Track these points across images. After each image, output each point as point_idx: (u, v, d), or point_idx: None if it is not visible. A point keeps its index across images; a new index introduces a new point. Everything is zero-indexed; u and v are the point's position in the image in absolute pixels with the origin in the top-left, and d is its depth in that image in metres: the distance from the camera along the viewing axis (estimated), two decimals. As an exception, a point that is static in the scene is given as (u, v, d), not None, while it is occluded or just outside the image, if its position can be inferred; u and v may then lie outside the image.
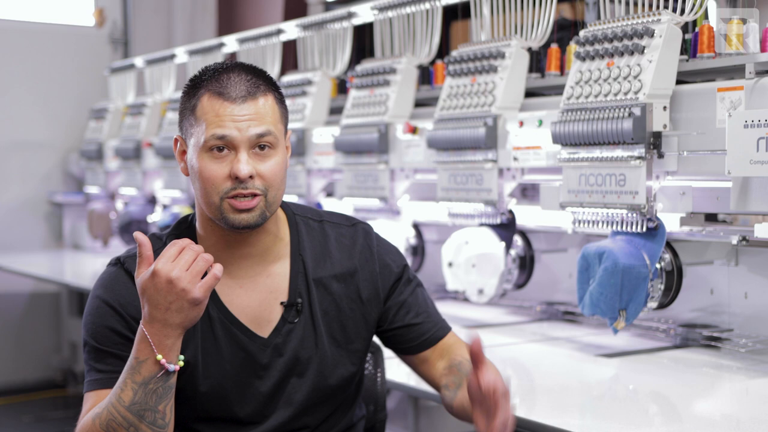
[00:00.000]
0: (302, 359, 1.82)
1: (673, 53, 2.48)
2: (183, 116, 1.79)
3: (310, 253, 1.86)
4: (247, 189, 1.71)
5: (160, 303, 1.59)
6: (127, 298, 1.76)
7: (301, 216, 1.90)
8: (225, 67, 1.76)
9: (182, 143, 1.80)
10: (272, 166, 1.74)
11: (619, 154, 2.50)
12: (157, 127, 5.19)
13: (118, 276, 1.79)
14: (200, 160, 1.73)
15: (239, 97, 1.72)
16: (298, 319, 1.82)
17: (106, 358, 1.74)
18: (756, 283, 2.62)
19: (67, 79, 6.39)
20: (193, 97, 1.76)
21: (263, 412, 1.81)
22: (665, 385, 2.36)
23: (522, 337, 2.94)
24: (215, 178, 1.72)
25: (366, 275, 1.88)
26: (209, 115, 1.72)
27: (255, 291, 1.82)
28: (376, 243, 1.92)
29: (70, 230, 6.27)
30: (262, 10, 6.52)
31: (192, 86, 1.77)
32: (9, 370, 6.18)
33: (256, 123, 1.72)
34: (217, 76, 1.74)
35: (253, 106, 1.73)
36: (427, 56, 3.48)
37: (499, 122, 2.97)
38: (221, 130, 1.70)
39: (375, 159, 3.47)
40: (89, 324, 1.77)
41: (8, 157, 6.24)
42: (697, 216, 2.63)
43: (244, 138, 1.71)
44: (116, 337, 1.74)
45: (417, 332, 1.91)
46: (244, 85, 1.73)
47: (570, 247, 3.20)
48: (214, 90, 1.73)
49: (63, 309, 6.28)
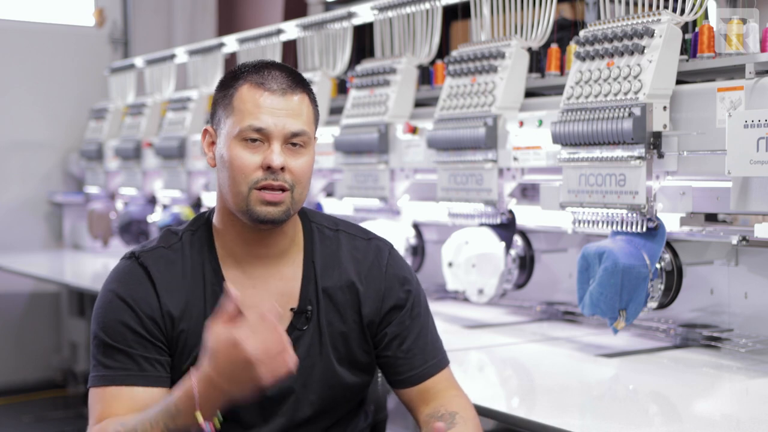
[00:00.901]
0: (306, 367, 1.81)
1: (673, 53, 2.48)
2: (217, 106, 1.80)
3: (321, 261, 1.85)
4: (277, 180, 1.72)
5: (226, 373, 1.56)
6: (141, 294, 1.75)
7: (317, 224, 1.89)
8: (265, 63, 1.79)
9: (212, 134, 1.81)
10: (302, 164, 1.76)
11: (619, 154, 2.50)
12: (157, 127, 5.18)
13: (133, 270, 1.78)
14: (232, 149, 1.74)
15: (279, 90, 1.74)
16: (307, 326, 1.82)
17: (115, 355, 1.73)
18: (756, 283, 2.62)
19: (67, 79, 6.39)
20: (230, 87, 1.78)
21: (264, 415, 1.81)
22: (665, 385, 2.36)
23: (522, 337, 2.94)
24: (246, 167, 1.73)
25: (370, 293, 1.86)
26: (248, 105, 1.73)
27: (266, 292, 1.81)
28: (387, 262, 1.88)
29: (70, 230, 6.27)
30: (262, 10, 6.52)
31: (231, 77, 1.79)
32: (9, 370, 6.18)
33: (293, 119, 1.74)
34: (257, 69, 1.78)
35: (291, 102, 1.75)
36: (427, 56, 3.48)
37: (499, 122, 2.97)
38: (258, 122, 1.73)
39: (375, 159, 3.47)
40: (101, 318, 1.76)
41: (8, 157, 6.24)
42: (697, 216, 2.62)
43: (279, 131, 1.73)
44: (128, 333, 1.73)
45: (403, 367, 1.86)
46: (284, 80, 1.76)
47: (570, 247, 3.20)
48: (254, 81, 1.75)
49: (63, 309, 6.28)
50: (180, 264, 1.80)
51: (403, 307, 1.87)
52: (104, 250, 5.60)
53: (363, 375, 1.88)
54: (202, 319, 1.76)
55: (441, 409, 1.79)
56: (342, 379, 1.84)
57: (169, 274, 1.78)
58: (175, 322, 1.76)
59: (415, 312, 1.88)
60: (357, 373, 1.87)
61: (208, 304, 1.78)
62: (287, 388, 1.80)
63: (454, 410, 1.77)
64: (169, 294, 1.77)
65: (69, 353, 6.15)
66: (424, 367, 1.86)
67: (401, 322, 1.86)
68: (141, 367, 1.72)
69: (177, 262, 1.80)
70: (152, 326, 1.75)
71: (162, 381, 1.74)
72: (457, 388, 1.86)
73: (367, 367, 1.89)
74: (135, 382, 1.72)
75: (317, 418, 1.84)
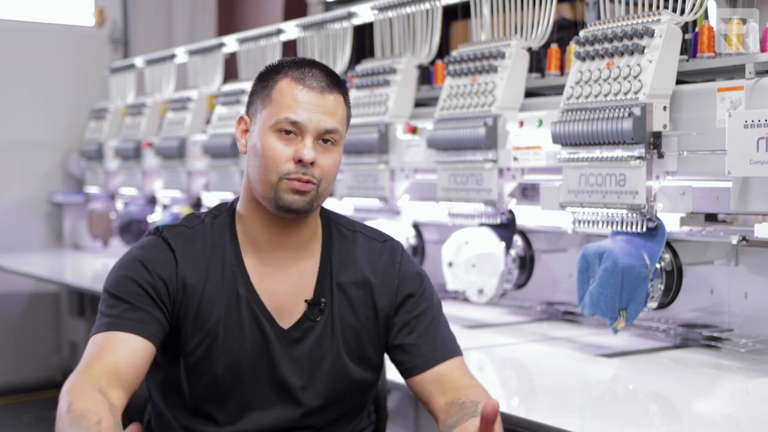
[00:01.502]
0: (316, 358, 1.84)
1: (673, 53, 2.48)
2: (255, 96, 1.85)
3: (337, 258, 1.90)
4: (306, 174, 1.77)
5: None
6: (160, 258, 1.80)
7: (335, 223, 1.95)
8: (307, 60, 1.85)
9: (247, 122, 1.86)
10: (331, 161, 1.81)
11: (619, 154, 2.50)
12: (157, 127, 5.18)
13: (156, 242, 1.83)
14: (266, 139, 1.79)
15: (318, 87, 1.80)
16: (320, 318, 1.85)
17: (119, 304, 1.75)
18: (756, 283, 2.62)
19: (67, 79, 6.39)
20: (270, 79, 1.83)
21: (271, 401, 1.83)
22: (665, 385, 2.36)
23: (522, 337, 2.94)
24: (278, 157, 1.77)
25: (384, 289, 1.90)
26: (287, 98, 1.79)
27: (283, 282, 1.85)
28: (400, 260, 1.94)
29: (70, 230, 6.27)
30: (262, 10, 6.52)
31: (271, 70, 1.85)
32: (9, 370, 6.18)
33: (327, 116, 1.80)
34: (298, 65, 1.83)
35: (328, 100, 1.80)
36: (427, 56, 3.48)
37: (499, 122, 2.97)
38: (295, 115, 1.78)
39: (375, 159, 3.47)
40: (114, 274, 1.80)
41: (8, 157, 6.24)
42: (697, 216, 2.63)
43: (313, 127, 1.78)
44: (136, 287, 1.76)
45: (415, 352, 1.87)
46: (324, 79, 1.82)
47: (570, 247, 3.20)
48: (294, 76, 1.81)
49: (63, 309, 6.28)
50: (200, 243, 1.84)
51: (416, 294, 1.91)
52: (104, 250, 5.60)
53: (370, 372, 1.90)
54: (217, 297, 1.80)
55: (462, 398, 1.77)
56: (349, 374, 1.86)
57: (189, 249, 1.83)
58: (188, 290, 1.80)
59: (427, 302, 1.92)
60: (365, 370, 1.89)
61: (225, 283, 1.82)
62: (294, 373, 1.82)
63: (476, 399, 1.75)
64: (188, 265, 1.81)
65: (69, 353, 6.15)
66: (436, 353, 1.87)
67: (414, 308, 1.90)
68: (140, 318, 1.74)
69: (197, 241, 1.85)
70: (162, 288, 1.78)
71: (153, 338, 1.75)
72: (474, 379, 1.86)
73: (375, 364, 1.91)
74: (129, 329, 1.73)
75: (321, 410, 1.86)
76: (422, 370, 1.86)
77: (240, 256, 1.84)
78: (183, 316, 1.80)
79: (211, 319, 1.79)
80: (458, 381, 1.83)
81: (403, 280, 1.91)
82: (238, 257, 1.85)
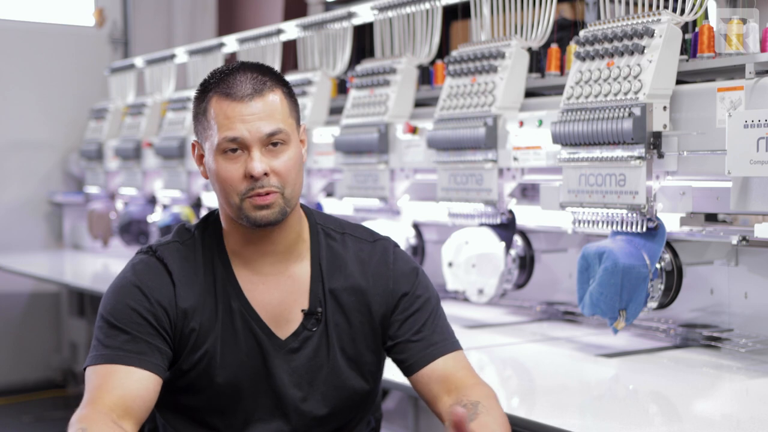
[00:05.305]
0: (314, 368, 1.82)
1: (673, 53, 2.48)
2: (196, 121, 1.81)
3: (326, 262, 1.86)
4: (263, 188, 1.73)
5: None
6: (157, 283, 1.77)
7: (323, 226, 1.91)
8: (231, 69, 1.78)
9: (199, 148, 1.82)
10: (286, 162, 1.76)
11: (619, 154, 2.50)
12: (157, 127, 5.18)
13: (150, 263, 1.80)
14: (216, 163, 1.75)
15: (246, 95, 1.74)
16: (317, 327, 1.83)
17: (118, 335, 1.72)
18: (756, 283, 2.62)
19: (67, 79, 6.39)
20: (202, 101, 1.78)
21: (272, 412, 1.82)
22: (665, 385, 2.36)
23: (522, 337, 2.94)
24: (232, 179, 1.74)
25: (378, 291, 1.86)
26: (219, 118, 1.74)
27: (276, 289, 1.83)
28: (392, 259, 1.90)
29: (70, 230, 6.27)
30: (262, 10, 6.52)
31: (201, 90, 1.79)
32: (9, 370, 6.18)
33: (266, 121, 1.74)
34: (223, 78, 1.76)
35: (261, 104, 1.74)
36: (427, 56, 3.48)
37: (499, 122, 2.97)
38: (232, 132, 1.73)
39: (375, 159, 3.47)
40: (110, 302, 1.76)
41: (8, 157, 6.24)
42: (697, 216, 2.62)
43: (255, 137, 1.73)
44: (136, 316, 1.74)
45: (415, 348, 1.84)
46: (250, 84, 1.75)
47: (570, 247, 3.20)
48: (221, 92, 1.75)
49: (63, 309, 6.28)
50: (193, 260, 1.82)
51: (412, 292, 1.88)
52: (104, 250, 5.60)
53: (369, 379, 1.88)
54: (213, 314, 1.78)
55: (463, 399, 1.76)
56: (348, 382, 1.85)
57: (185, 268, 1.81)
58: (187, 314, 1.77)
59: (423, 298, 1.89)
60: (363, 376, 1.87)
61: (219, 299, 1.80)
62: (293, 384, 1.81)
63: (476, 399, 1.73)
64: (185, 287, 1.79)
65: (69, 353, 6.15)
66: (435, 347, 1.84)
67: (410, 305, 1.87)
68: (142, 350, 1.72)
69: (191, 258, 1.82)
70: (162, 315, 1.75)
71: (159, 370, 1.73)
72: (477, 377, 1.84)
73: (373, 370, 1.89)
74: (133, 363, 1.70)
75: (321, 421, 1.85)
76: (423, 365, 1.84)
77: (230, 268, 1.82)
78: (184, 339, 1.78)
79: (209, 337, 1.78)
80: (462, 380, 1.82)
81: (397, 280, 1.88)
82: (228, 270, 1.82)
